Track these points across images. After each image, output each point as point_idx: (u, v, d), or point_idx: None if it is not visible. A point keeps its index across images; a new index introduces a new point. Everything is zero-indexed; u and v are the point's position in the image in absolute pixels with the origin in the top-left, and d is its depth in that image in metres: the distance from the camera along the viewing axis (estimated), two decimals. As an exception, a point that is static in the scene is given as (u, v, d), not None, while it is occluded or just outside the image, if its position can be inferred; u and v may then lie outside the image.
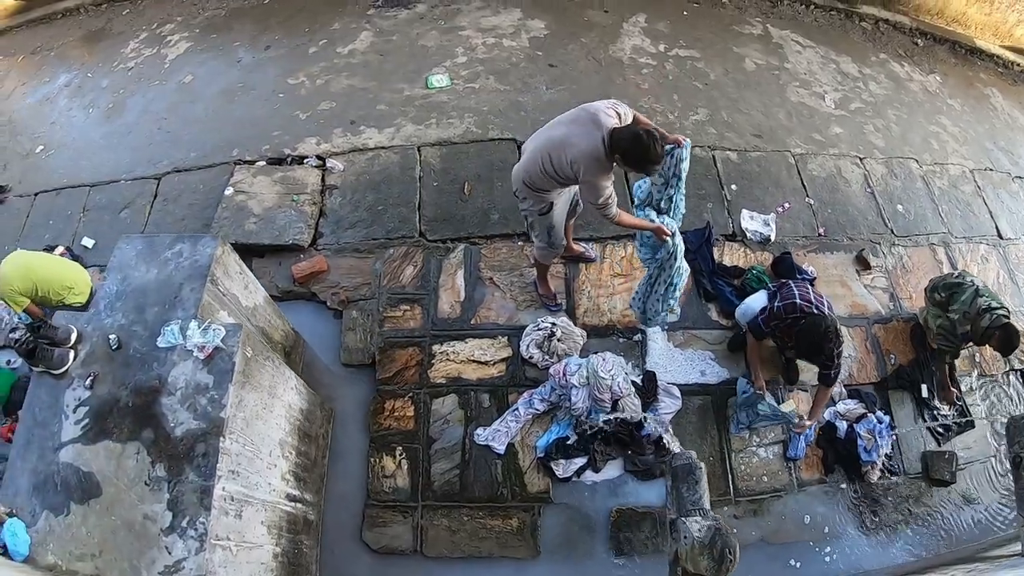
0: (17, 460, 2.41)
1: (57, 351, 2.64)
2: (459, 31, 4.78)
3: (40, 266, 3.76)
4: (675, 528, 2.27)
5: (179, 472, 2.27)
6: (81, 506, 2.27)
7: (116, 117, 5.06)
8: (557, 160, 2.60)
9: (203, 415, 2.34)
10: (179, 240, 2.84)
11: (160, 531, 2.20)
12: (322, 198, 3.98)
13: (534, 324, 3.50)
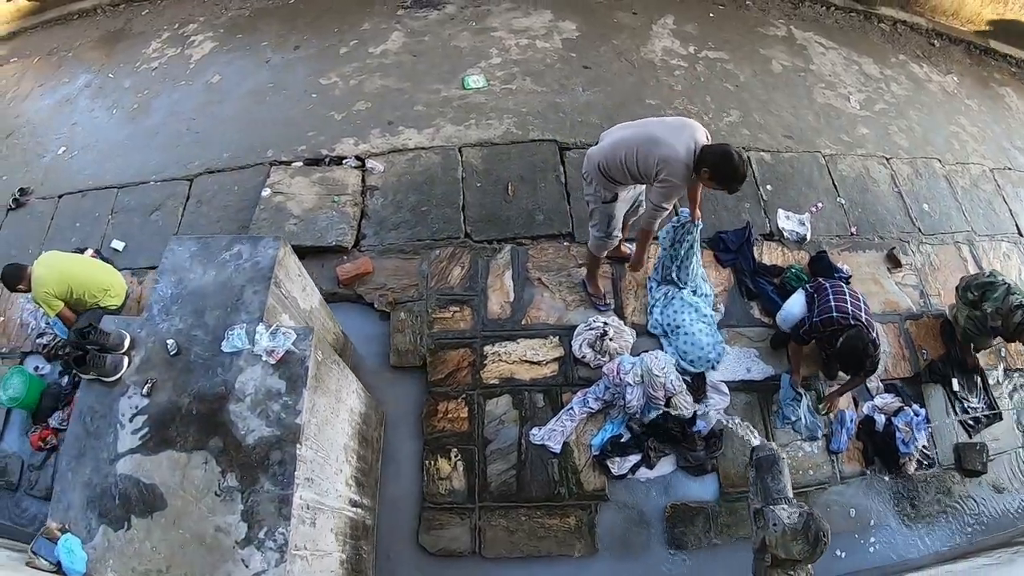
0: (68, 473, 2.26)
1: (110, 357, 2.48)
2: (491, 32, 4.72)
3: (75, 268, 3.62)
4: (762, 516, 2.30)
5: (253, 481, 2.15)
6: (144, 520, 2.15)
7: (142, 118, 4.91)
8: (644, 155, 2.62)
9: (277, 422, 2.23)
10: (237, 241, 2.71)
11: (235, 543, 2.08)
12: (363, 199, 3.91)
13: (585, 324, 3.46)
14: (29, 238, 4.70)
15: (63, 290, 3.52)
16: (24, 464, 3.76)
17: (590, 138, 4.11)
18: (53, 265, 3.58)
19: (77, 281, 3.55)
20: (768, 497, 2.32)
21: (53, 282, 3.48)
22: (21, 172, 5.25)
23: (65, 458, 2.31)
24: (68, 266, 3.64)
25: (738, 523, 3.19)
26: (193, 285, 2.62)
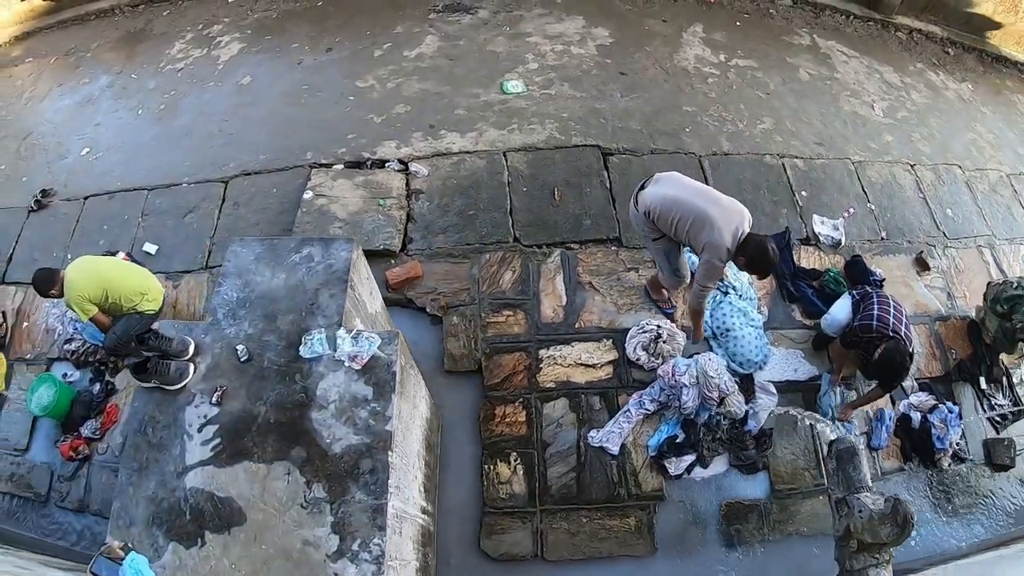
0: (128, 488, 2.15)
1: (174, 364, 2.38)
2: (526, 38, 4.69)
3: (110, 271, 3.44)
4: (846, 505, 2.38)
5: (343, 491, 2.06)
6: (220, 535, 2.03)
7: (170, 119, 4.75)
8: (695, 232, 2.81)
9: (365, 429, 2.15)
10: (306, 243, 2.61)
11: (326, 557, 1.99)
12: (408, 202, 3.85)
13: (638, 327, 3.45)
14: (53, 240, 4.54)
15: (98, 294, 3.30)
16: (54, 475, 3.63)
17: (632, 144, 4.13)
18: (87, 268, 3.36)
19: (112, 285, 3.31)
20: (851, 487, 2.40)
21: (87, 286, 3.25)
22: (42, 173, 5.06)
23: (124, 472, 2.19)
24: (102, 269, 3.42)
25: (789, 519, 3.23)
26: (261, 288, 2.51)
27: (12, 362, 4.08)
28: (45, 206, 4.81)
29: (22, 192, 5.02)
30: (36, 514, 3.52)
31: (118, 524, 2.09)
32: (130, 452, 2.21)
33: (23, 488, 3.64)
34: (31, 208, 4.81)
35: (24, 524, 3.50)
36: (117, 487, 2.18)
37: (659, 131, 4.13)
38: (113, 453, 3.54)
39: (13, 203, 4.99)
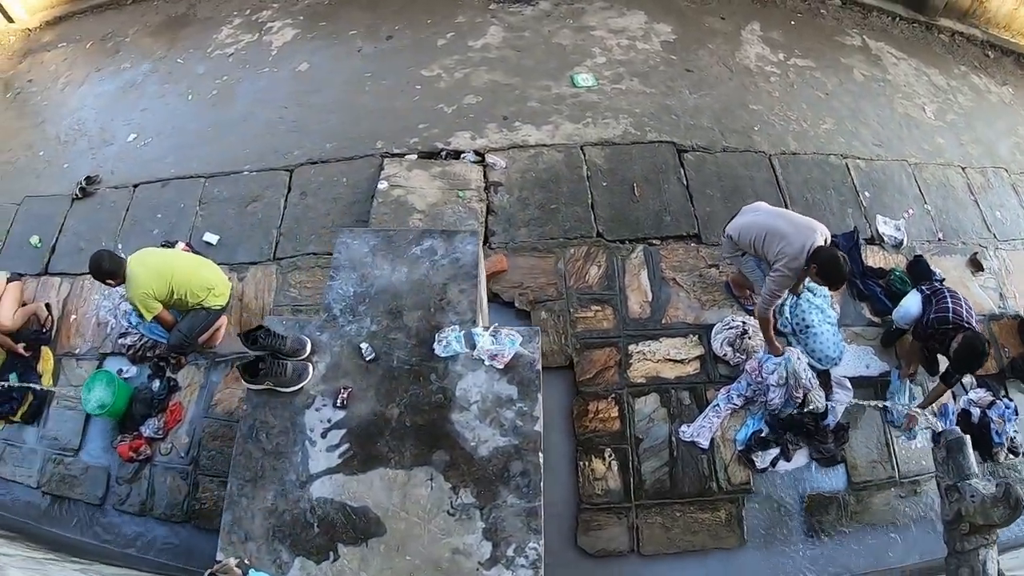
0: (241, 499, 1.97)
1: (291, 365, 2.17)
2: (591, 31, 4.56)
3: (176, 265, 3.27)
4: (956, 491, 2.43)
5: (493, 496, 1.94)
6: (356, 547, 1.87)
7: (225, 106, 4.52)
8: (768, 244, 2.97)
9: (513, 430, 2.03)
10: (427, 235, 2.46)
11: (479, 565, 1.87)
12: (487, 195, 3.73)
13: (722, 323, 3.42)
14: (101, 229, 4.31)
15: (163, 290, 3.15)
16: (111, 477, 3.44)
17: (705, 141, 4.06)
18: (151, 263, 3.19)
19: (178, 280, 3.19)
20: (960, 474, 2.45)
21: (152, 282, 3.10)
22: (85, 160, 4.80)
23: (235, 482, 2.00)
24: (167, 263, 3.26)
25: (864, 510, 3.25)
26: (381, 283, 2.33)
27: (60, 357, 3.85)
28: (91, 194, 4.56)
29: (64, 179, 4.75)
30: (91, 518, 3.33)
31: (231, 539, 1.91)
32: (241, 461, 2.02)
33: (77, 490, 3.43)
34: (75, 196, 4.56)
35: (77, 528, 3.31)
36: (227, 498, 2.00)
37: (729, 129, 4.07)
38: (178, 454, 3.40)
39: (55, 191, 4.72)
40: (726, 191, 3.81)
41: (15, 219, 4.68)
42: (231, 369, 3.52)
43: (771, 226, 3.00)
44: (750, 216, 3.17)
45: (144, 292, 3.06)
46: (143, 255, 3.25)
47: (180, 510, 3.23)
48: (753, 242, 3.05)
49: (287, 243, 3.77)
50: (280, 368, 2.09)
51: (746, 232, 3.08)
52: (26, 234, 4.51)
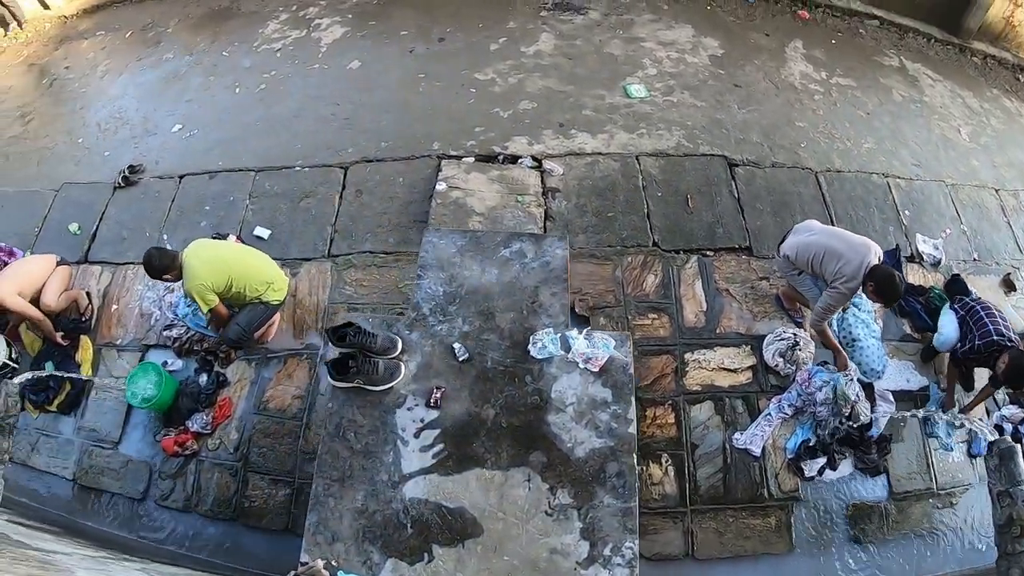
0: (328, 499, 1.96)
1: (383, 363, 2.16)
2: (641, 42, 4.61)
3: (235, 258, 3.24)
4: (1009, 496, 2.56)
5: (590, 496, 1.98)
6: (452, 548, 1.87)
7: (275, 101, 4.54)
8: (826, 263, 3.04)
9: (608, 432, 2.08)
10: (515, 238, 2.52)
11: (576, 565, 1.89)
12: (545, 200, 3.77)
13: (774, 334, 3.50)
14: (144, 219, 4.31)
15: (222, 283, 3.11)
16: (153, 471, 3.38)
17: (754, 156, 4.13)
18: (209, 256, 3.14)
19: (237, 273, 3.15)
20: (1012, 480, 2.59)
21: (211, 274, 3.06)
22: (127, 148, 4.80)
23: (321, 482, 1.99)
24: (227, 256, 3.22)
25: (905, 519, 3.33)
26: (471, 284, 2.37)
27: (100, 347, 3.81)
28: (134, 183, 4.55)
29: (105, 167, 4.74)
30: (133, 513, 3.29)
31: (316, 540, 1.90)
32: (327, 460, 2.02)
33: (116, 484, 3.36)
34: (118, 184, 4.54)
35: (117, 523, 3.28)
36: (311, 499, 1.98)
37: (777, 145, 4.15)
38: (226, 450, 3.35)
39: (96, 178, 4.70)
40: (775, 206, 3.89)
41: (53, 205, 4.66)
42: (283, 366, 3.50)
43: (828, 246, 3.07)
44: (805, 236, 3.23)
45: (201, 284, 3.02)
46: (199, 247, 3.21)
47: (228, 507, 3.20)
48: (811, 261, 3.12)
49: (342, 241, 3.78)
50: (372, 366, 2.09)
51: (803, 252, 3.15)
52: (64, 221, 4.49)
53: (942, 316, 3.55)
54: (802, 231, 3.31)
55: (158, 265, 3.05)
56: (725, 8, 5.11)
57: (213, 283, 3.05)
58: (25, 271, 3.70)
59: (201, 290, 3.02)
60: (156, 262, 3.05)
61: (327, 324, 3.50)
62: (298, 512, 3.07)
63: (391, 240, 3.59)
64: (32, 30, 6.31)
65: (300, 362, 3.44)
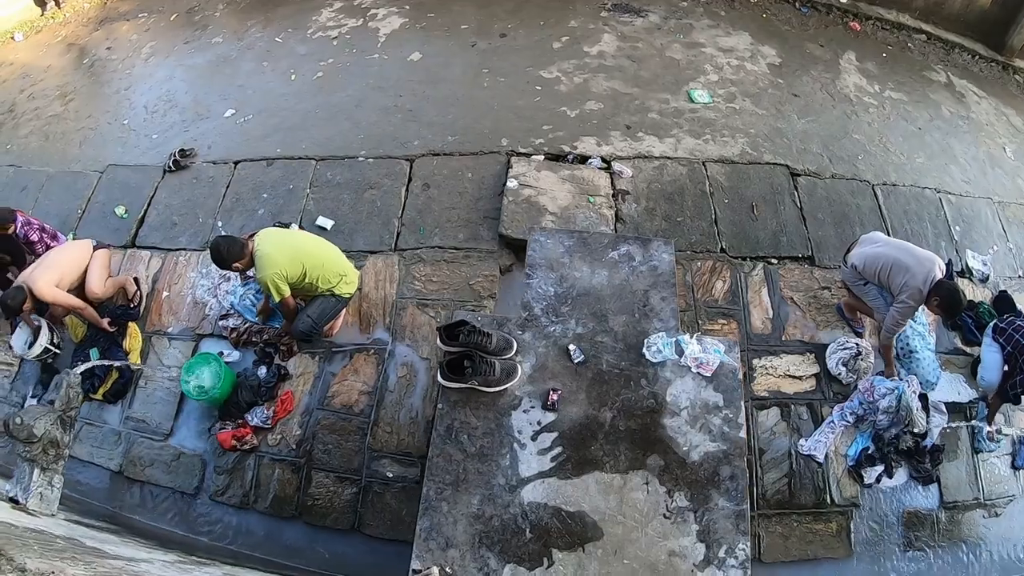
0: (441, 504, 1.93)
1: (499, 364, 2.12)
2: (701, 48, 4.61)
3: (311, 248, 3.17)
4: None
5: (705, 499, 1.99)
6: (572, 553, 1.86)
7: (334, 89, 4.48)
8: (893, 275, 3.12)
9: (721, 436, 2.09)
10: (622, 241, 2.52)
11: (693, 567, 1.90)
12: (615, 202, 3.77)
13: (837, 343, 3.56)
14: (197, 204, 4.25)
15: (296, 272, 3.02)
16: (207, 465, 3.29)
17: (815, 167, 4.15)
18: (284, 244, 3.06)
19: (312, 263, 3.07)
20: None
21: (287, 262, 2.97)
22: (176, 132, 4.73)
23: (433, 485, 1.96)
24: (302, 245, 3.14)
25: (954, 527, 3.42)
26: (581, 285, 2.35)
27: (149, 335, 3.72)
28: (185, 167, 4.48)
29: (153, 150, 4.67)
30: (183, 508, 3.21)
31: (428, 546, 1.86)
32: (440, 463, 1.98)
33: (167, 478, 3.28)
34: (168, 168, 4.47)
35: (165, 518, 3.21)
36: (422, 503, 1.94)
37: (836, 156, 4.18)
38: (288, 445, 3.27)
39: (143, 161, 4.62)
40: (836, 216, 3.92)
41: (97, 187, 4.58)
42: (350, 360, 3.45)
43: (895, 259, 3.14)
44: (871, 247, 3.29)
45: (276, 272, 2.93)
46: (272, 235, 3.11)
47: (290, 505, 3.13)
48: (878, 272, 3.18)
49: (409, 234, 3.74)
50: (488, 367, 2.05)
51: (871, 263, 3.21)
52: (110, 203, 4.41)
53: (985, 350, 3.51)
54: (868, 242, 3.36)
55: (227, 253, 2.94)
56: (780, 17, 5.14)
57: (288, 272, 2.96)
58: (63, 260, 3.63)
59: (275, 279, 2.93)
60: (225, 250, 2.94)
61: (393, 319, 3.46)
62: (365, 511, 3.07)
63: (460, 236, 3.57)
64: (70, 9, 6.18)
65: (367, 357, 3.40)
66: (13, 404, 3.70)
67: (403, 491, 3.06)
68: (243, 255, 2.96)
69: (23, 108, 5.42)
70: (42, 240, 3.87)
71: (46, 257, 3.64)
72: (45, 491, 2.23)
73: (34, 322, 3.69)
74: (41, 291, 3.42)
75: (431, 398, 3.18)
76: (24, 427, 2.20)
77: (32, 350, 3.63)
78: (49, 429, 2.26)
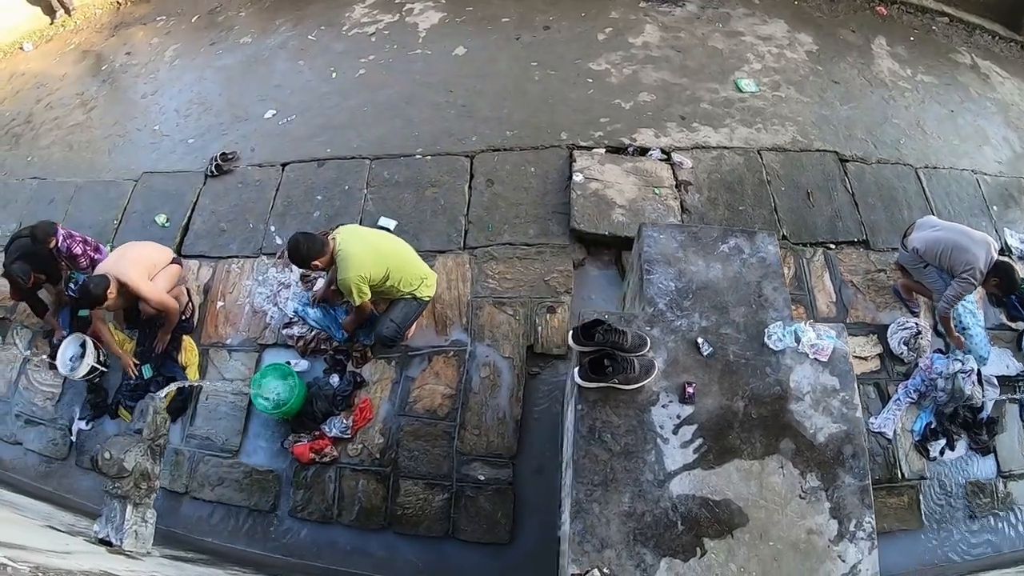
0: (592, 506, 1.95)
1: (638, 361, 2.12)
2: (740, 37, 4.64)
3: (393, 249, 3.06)
4: None
5: (833, 478, 2.06)
6: (722, 540, 1.93)
7: (380, 86, 4.41)
8: (953, 258, 3.26)
9: (840, 417, 2.15)
10: (729, 234, 2.54)
11: (828, 542, 1.98)
12: (678, 193, 3.82)
13: (897, 323, 3.69)
14: (246, 209, 4.14)
15: (380, 274, 2.90)
16: (282, 480, 3.19)
17: (861, 152, 4.22)
18: (369, 243, 2.92)
19: (396, 264, 2.95)
20: None
21: (371, 264, 2.84)
22: (214, 135, 4.60)
23: (582, 488, 1.97)
24: (383, 246, 3.00)
25: (1009, 495, 3.60)
26: (699, 278, 2.40)
27: (206, 348, 3.60)
28: (227, 171, 4.36)
29: (190, 155, 4.54)
30: (262, 526, 3.14)
31: (584, 549, 1.88)
32: (586, 464, 2.00)
33: (239, 496, 3.18)
34: (209, 173, 4.36)
35: (242, 538, 3.14)
36: (573, 507, 1.96)
37: (880, 141, 4.27)
38: (371, 455, 3.19)
39: (180, 166, 4.49)
40: (885, 200, 3.99)
41: (133, 195, 4.42)
42: (429, 364, 3.38)
43: (955, 241, 3.28)
44: (930, 232, 3.41)
45: (361, 275, 2.81)
46: (355, 233, 2.97)
47: (378, 516, 3.07)
48: (939, 255, 3.31)
49: (477, 232, 3.71)
50: (628, 365, 2.06)
51: (932, 246, 3.33)
52: (148, 212, 4.26)
53: None
54: (925, 226, 3.47)
55: (306, 251, 2.79)
56: (811, 3, 5.19)
57: (374, 274, 2.84)
58: (146, 256, 3.47)
59: (359, 281, 2.81)
60: (305, 247, 2.79)
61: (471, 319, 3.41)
62: (458, 516, 3.04)
63: (531, 231, 3.57)
64: (81, 17, 5.96)
65: (447, 359, 3.35)
66: (60, 427, 3.62)
67: (496, 493, 3.05)
68: (324, 252, 2.82)
69: (41, 118, 5.23)
70: (85, 253, 3.73)
71: (128, 251, 3.47)
72: (139, 528, 2.14)
73: (61, 330, 3.65)
74: (136, 284, 3.23)
75: (517, 397, 3.19)
76: (114, 462, 2.09)
77: (78, 369, 3.49)
78: (140, 461, 2.16)
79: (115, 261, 3.38)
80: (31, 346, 3.93)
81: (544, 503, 3.02)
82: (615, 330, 2.14)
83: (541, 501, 3.04)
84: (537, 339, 3.36)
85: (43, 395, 3.75)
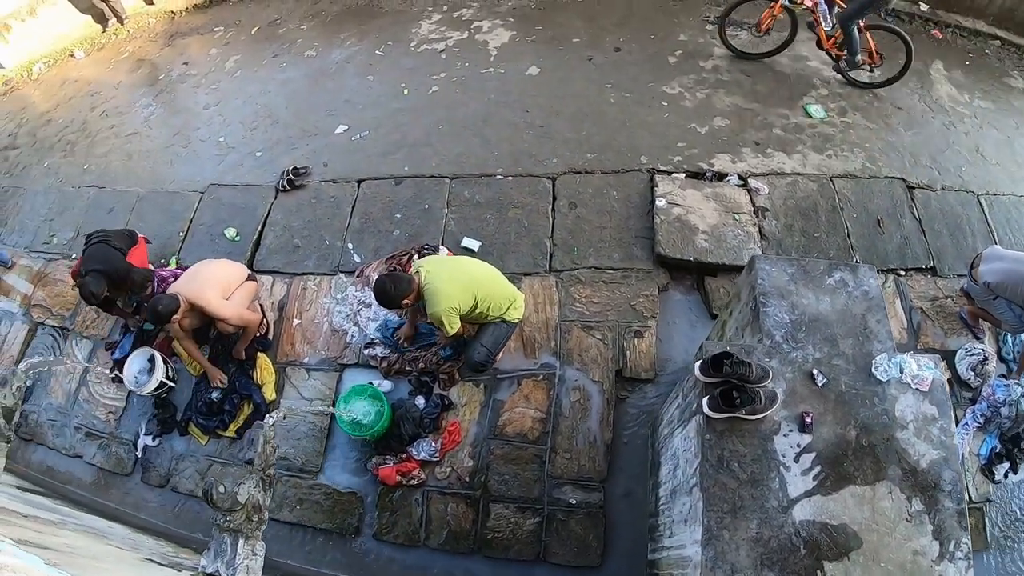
0: (722, 532, 2.11)
1: (763, 392, 2.29)
2: (805, 61, 4.68)
3: (480, 275, 3.12)
4: None
5: (935, 502, 2.22)
6: (839, 563, 2.11)
7: (455, 104, 4.50)
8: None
9: (939, 444, 2.32)
10: (835, 268, 2.69)
11: (931, 562, 2.15)
12: (756, 219, 3.95)
13: (965, 349, 3.89)
14: (321, 225, 4.20)
15: (468, 302, 2.99)
16: (367, 502, 3.23)
17: (927, 179, 4.32)
18: (454, 274, 3.00)
19: (483, 292, 3.04)
20: None
21: (459, 294, 2.93)
22: (283, 149, 4.62)
23: (712, 516, 2.13)
24: (470, 273, 3.08)
25: None
26: (810, 311, 2.55)
27: (282, 366, 3.62)
28: (300, 187, 4.43)
29: (259, 168, 4.55)
30: (344, 549, 3.18)
31: (715, 575, 2.06)
32: (716, 493, 2.15)
33: (319, 517, 3.20)
34: (281, 188, 4.41)
35: (324, 561, 3.18)
36: (704, 534, 2.10)
37: (943, 167, 4.39)
38: (460, 478, 3.20)
39: (248, 180, 4.50)
40: (950, 228, 4.08)
41: (199, 208, 4.45)
42: (518, 387, 3.44)
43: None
44: (999, 264, 3.51)
45: (451, 308, 2.89)
46: (439, 265, 3.04)
47: (468, 540, 3.10)
48: (1010, 289, 3.44)
49: (563, 255, 3.76)
50: (755, 396, 2.23)
51: (1005, 279, 3.45)
52: (216, 225, 4.28)
53: None
54: (993, 258, 3.55)
55: (394, 292, 2.86)
56: (868, 26, 5.45)
57: (463, 303, 2.92)
58: (221, 274, 3.50)
59: (450, 313, 2.88)
60: (392, 288, 2.86)
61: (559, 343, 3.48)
62: (549, 540, 3.10)
63: (616, 256, 3.68)
64: (134, 26, 6.00)
65: (536, 383, 3.40)
66: (123, 443, 3.67)
67: (587, 516, 3.12)
68: (411, 290, 2.91)
69: (97, 126, 5.27)
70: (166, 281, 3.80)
71: (201, 269, 3.51)
72: (250, 562, 2.10)
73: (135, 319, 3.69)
74: (212, 305, 3.28)
75: (607, 422, 3.27)
76: (228, 496, 2.07)
77: (147, 385, 3.51)
78: (252, 493, 2.14)
79: (187, 281, 3.41)
80: (92, 358, 3.97)
81: (633, 527, 3.11)
82: (743, 363, 2.30)
83: (629, 524, 3.13)
84: (625, 363, 3.44)
85: (105, 408, 3.78)
